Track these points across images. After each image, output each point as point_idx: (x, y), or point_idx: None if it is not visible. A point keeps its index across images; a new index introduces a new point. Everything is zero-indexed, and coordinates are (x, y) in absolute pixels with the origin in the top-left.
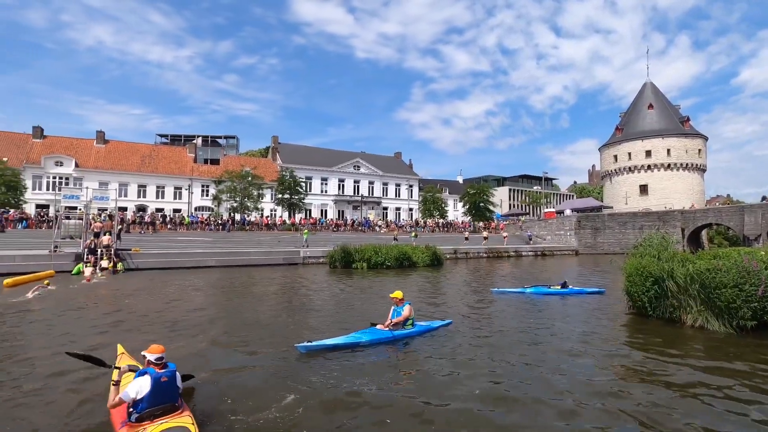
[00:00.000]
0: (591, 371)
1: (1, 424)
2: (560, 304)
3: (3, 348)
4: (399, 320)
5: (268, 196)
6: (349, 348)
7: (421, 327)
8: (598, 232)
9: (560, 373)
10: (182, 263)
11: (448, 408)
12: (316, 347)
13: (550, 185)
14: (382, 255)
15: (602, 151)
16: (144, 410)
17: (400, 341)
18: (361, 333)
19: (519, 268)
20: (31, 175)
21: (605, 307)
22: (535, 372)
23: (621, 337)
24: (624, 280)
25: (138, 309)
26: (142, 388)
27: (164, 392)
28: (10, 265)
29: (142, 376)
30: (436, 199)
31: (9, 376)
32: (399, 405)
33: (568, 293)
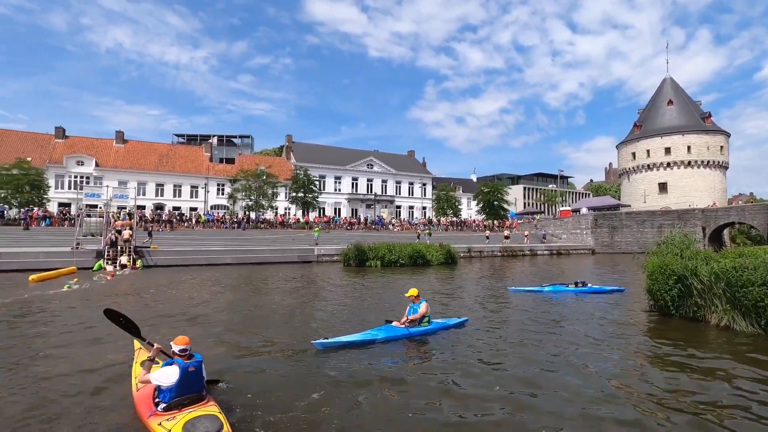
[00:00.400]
0: (612, 372)
1: (29, 414)
2: (579, 302)
3: (32, 341)
4: (415, 317)
5: (282, 195)
6: (366, 345)
7: (437, 324)
8: (616, 231)
9: (580, 375)
10: (199, 260)
11: (465, 407)
12: (332, 344)
13: (566, 183)
14: (396, 253)
15: (620, 148)
16: (172, 399)
17: (416, 338)
18: (377, 330)
19: (535, 267)
20: (54, 175)
21: (625, 305)
22: (553, 372)
23: (643, 336)
24: (645, 279)
25: (158, 305)
26: (170, 376)
27: (191, 382)
28: (35, 261)
29: (170, 365)
30: (450, 198)
31: (35, 369)
32: (415, 403)
33: (587, 292)
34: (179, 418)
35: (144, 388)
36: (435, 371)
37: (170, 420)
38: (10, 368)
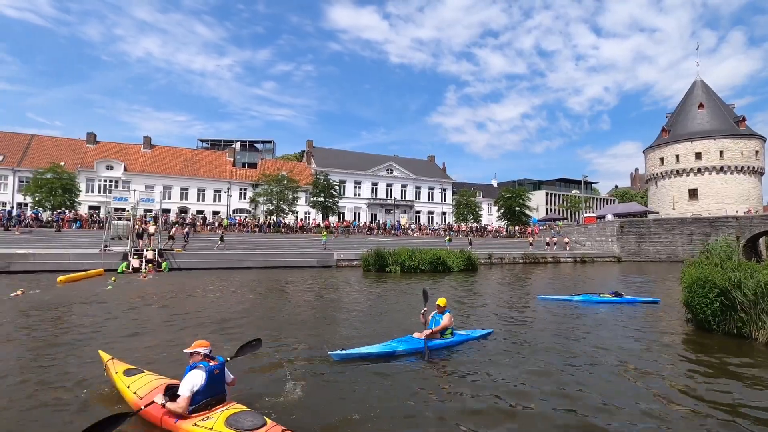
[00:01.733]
0: (656, 392)
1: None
2: (612, 314)
3: (67, 341)
4: (438, 329)
5: (303, 199)
6: (385, 357)
7: (460, 336)
8: (643, 238)
9: (615, 398)
10: (221, 264)
11: (488, 428)
12: (350, 356)
13: (590, 189)
14: (416, 259)
15: (647, 153)
16: (200, 402)
17: (438, 351)
18: (398, 341)
19: (559, 275)
20: (85, 179)
21: (661, 318)
22: (583, 392)
23: (683, 353)
24: (682, 291)
25: (181, 308)
26: (198, 381)
27: (217, 383)
28: (65, 263)
29: (194, 370)
30: (470, 203)
31: (68, 369)
32: (435, 422)
33: (620, 302)
34: (216, 417)
35: (153, 397)
36: (456, 389)
37: (206, 420)
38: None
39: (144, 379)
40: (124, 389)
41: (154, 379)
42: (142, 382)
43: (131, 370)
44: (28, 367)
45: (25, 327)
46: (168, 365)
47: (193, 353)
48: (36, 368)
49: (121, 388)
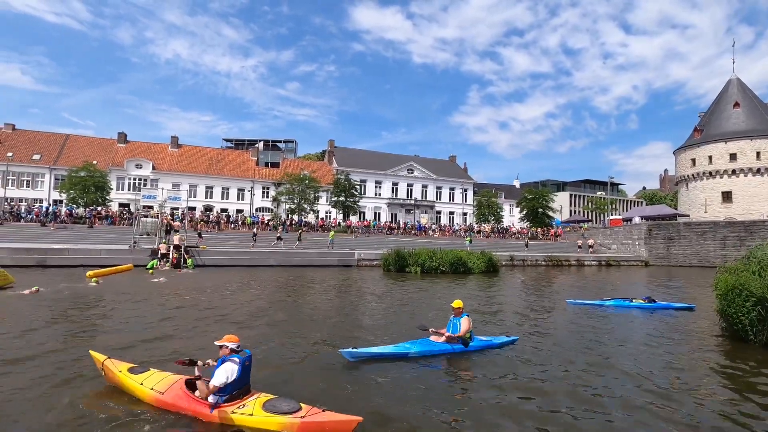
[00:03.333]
0: (698, 410)
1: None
2: (645, 320)
3: (99, 332)
4: (458, 336)
5: (324, 199)
6: (397, 358)
7: (481, 342)
8: (672, 242)
9: (647, 413)
10: (245, 261)
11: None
12: (362, 355)
13: (616, 191)
14: (437, 260)
15: (677, 154)
16: (233, 391)
17: (454, 356)
18: (412, 343)
19: (586, 279)
20: (116, 177)
21: (697, 326)
22: (613, 407)
23: (719, 366)
24: (716, 299)
25: (205, 304)
26: (232, 373)
27: (246, 375)
28: (97, 257)
29: (226, 363)
30: (492, 204)
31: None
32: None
33: (653, 308)
34: (251, 404)
35: (178, 390)
36: (473, 399)
37: (242, 407)
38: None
39: (156, 376)
40: (136, 386)
41: (167, 375)
42: (155, 378)
43: (136, 368)
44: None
45: (50, 321)
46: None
47: (222, 347)
48: (47, 362)
49: (131, 385)
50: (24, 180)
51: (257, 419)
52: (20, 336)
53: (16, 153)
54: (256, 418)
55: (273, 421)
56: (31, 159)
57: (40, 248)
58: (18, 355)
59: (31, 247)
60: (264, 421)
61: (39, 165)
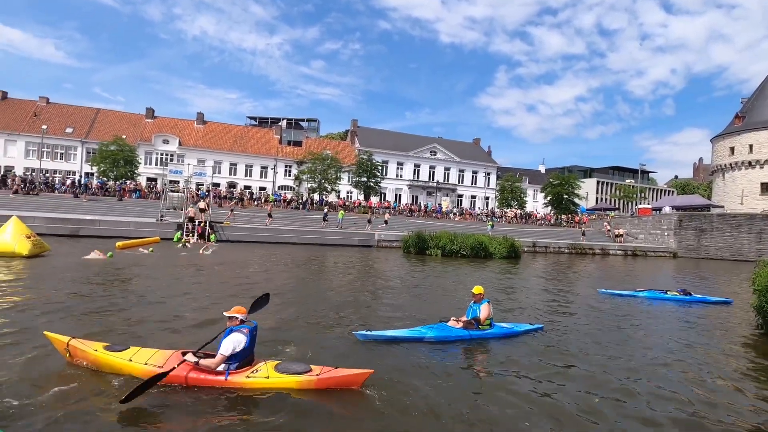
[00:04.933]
0: (720, 406)
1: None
2: (680, 314)
3: (134, 300)
4: (480, 319)
5: (345, 178)
6: (412, 342)
7: (502, 329)
8: (704, 234)
9: (680, 408)
10: (267, 238)
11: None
12: (375, 337)
13: (646, 179)
14: (458, 243)
15: (715, 142)
16: (243, 359)
17: (472, 343)
18: (428, 328)
19: (612, 268)
20: (144, 152)
21: (735, 321)
22: (643, 400)
23: (756, 363)
24: (754, 295)
25: (226, 278)
26: (240, 342)
27: (253, 344)
28: (126, 230)
29: (235, 332)
30: (515, 189)
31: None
32: (454, 419)
33: (689, 301)
34: (264, 368)
35: (180, 361)
36: (490, 389)
37: (255, 372)
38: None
39: (144, 352)
40: (124, 363)
41: (156, 351)
42: (145, 354)
43: (113, 347)
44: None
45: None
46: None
47: (232, 317)
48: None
49: (116, 363)
50: (58, 152)
51: (274, 381)
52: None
53: (50, 126)
54: (272, 380)
55: (290, 380)
56: (64, 132)
57: (73, 219)
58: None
59: (66, 218)
60: (281, 381)
61: (71, 138)
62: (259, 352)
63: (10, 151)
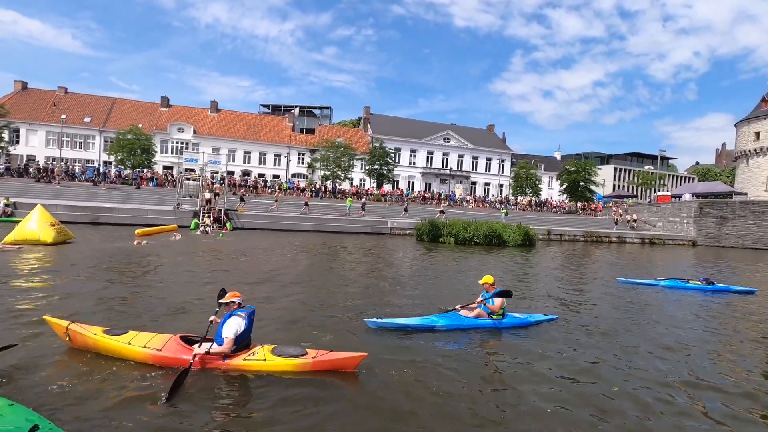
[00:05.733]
0: (745, 397)
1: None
2: (703, 303)
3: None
4: (492, 309)
5: (358, 166)
6: (422, 331)
7: (514, 319)
8: (725, 221)
9: (704, 400)
10: (281, 225)
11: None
12: (386, 325)
13: (666, 166)
14: (471, 231)
15: (739, 127)
16: (241, 342)
17: (483, 332)
18: (439, 317)
19: (627, 257)
20: (159, 140)
21: (760, 311)
22: (665, 392)
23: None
24: None
25: (241, 264)
26: (241, 325)
27: (251, 327)
28: (144, 217)
29: (234, 317)
30: (530, 176)
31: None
32: (467, 411)
33: (711, 290)
34: (260, 352)
35: (178, 346)
36: (501, 380)
37: (252, 355)
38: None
39: (142, 335)
40: (123, 347)
41: (154, 335)
42: (143, 338)
43: (112, 330)
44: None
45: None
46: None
47: (230, 303)
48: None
49: (116, 347)
50: (77, 141)
51: (271, 363)
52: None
53: (69, 115)
54: (269, 362)
55: (287, 363)
56: (82, 121)
57: (93, 206)
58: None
59: (86, 206)
60: (278, 364)
61: (89, 127)
62: (266, 336)
63: (32, 140)
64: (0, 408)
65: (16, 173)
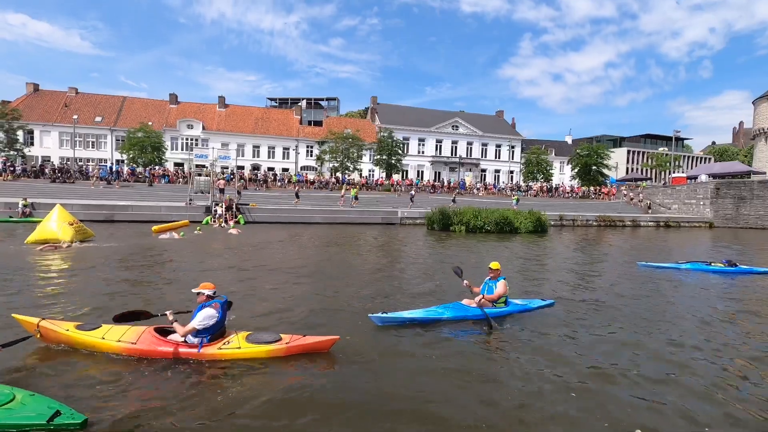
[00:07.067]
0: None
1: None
2: (727, 285)
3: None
4: (491, 298)
5: (367, 157)
6: (429, 324)
7: (516, 306)
8: (744, 202)
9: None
10: (292, 218)
11: (534, 413)
12: (391, 320)
13: (681, 146)
14: (482, 219)
15: (757, 104)
16: (215, 332)
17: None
18: (444, 307)
19: (643, 240)
20: (169, 137)
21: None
22: (686, 382)
23: None
24: None
25: (253, 258)
26: (212, 316)
27: (224, 317)
28: (158, 214)
29: (206, 308)
30: (541, 161)
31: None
32: (471, 401)
33: (734, 272)
34: (234, 340)
35: (152, 338)
36: (502, 367)
37: (227, 343)
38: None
39: (116, 329)
40: (97, 341)
41: (128, 328)
42: (117, 331)
43: (84, 326)
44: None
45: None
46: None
47: (199, 293)
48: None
49: (89, 341)
50: (89, 141)
51: (246, 351)
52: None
53: (80, 115)
54: (244, 350)
55: (261, 349)
56: (93, 121)
57: (108, 205)
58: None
59: (101, 204)
60: (253, 351)
61: (101, 126)
62: (272, 328)
63: (46, 141)
64: (22, 398)
65: (33, 174)
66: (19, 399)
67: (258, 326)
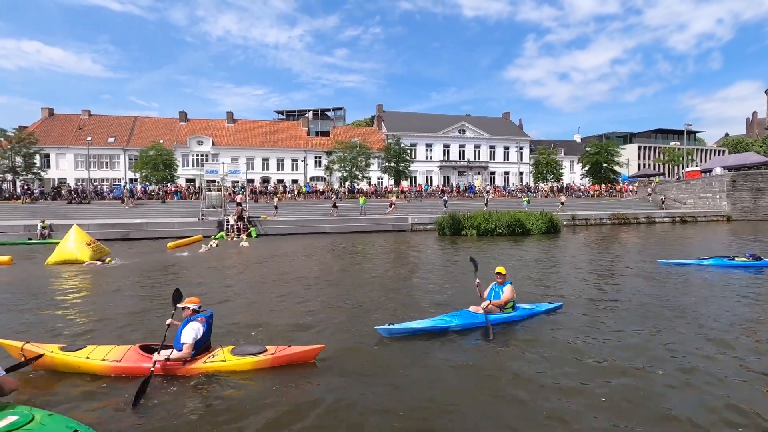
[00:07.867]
0: None
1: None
2: (754, 281)
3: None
4: (498, 303)
5: (375, 165)
6: (437, 333)
7: (524, 311)
8: (762, 193)
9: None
10: (303, 229)
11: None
12: (398, 332)
13: (693, 140)
14: (493, 222)
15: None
16: (200, 346)
17: (495, 327)
18: (452, 316)
19: (660, 237)
20: (180, 154)
21: None
22: (674, 376)
23: None
24: None
25: (260, 270)
26: (199, 330)
27: (210, 331)
28: (171, 230)
29: (192, 322)
30: (550, 161)
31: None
32: (481, 413)
33: (760, 266)
34: (219, 353)
35: (137, 356)
36: (521, 374)
37: (212, 357)
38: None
39: (100, 349)
40: (82, 362)
41: (112, 347)
42: (101, 351)
43: (68, 347)
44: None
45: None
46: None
47: (185, 308)
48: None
49: (74, 362)
50: (103, 161)
51: (231, 363)
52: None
53: (94, 137)
54: (229, 363)
55: (246, 361)
56: (106, 142)
57: (123, 223)
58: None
59: (116, 223)
60: (238, 364)
61: (114, 147)
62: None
63: (62, 163)
64: (41, 418)
65: (50, 196)
66: (38, 419)
67: (260, 339)
